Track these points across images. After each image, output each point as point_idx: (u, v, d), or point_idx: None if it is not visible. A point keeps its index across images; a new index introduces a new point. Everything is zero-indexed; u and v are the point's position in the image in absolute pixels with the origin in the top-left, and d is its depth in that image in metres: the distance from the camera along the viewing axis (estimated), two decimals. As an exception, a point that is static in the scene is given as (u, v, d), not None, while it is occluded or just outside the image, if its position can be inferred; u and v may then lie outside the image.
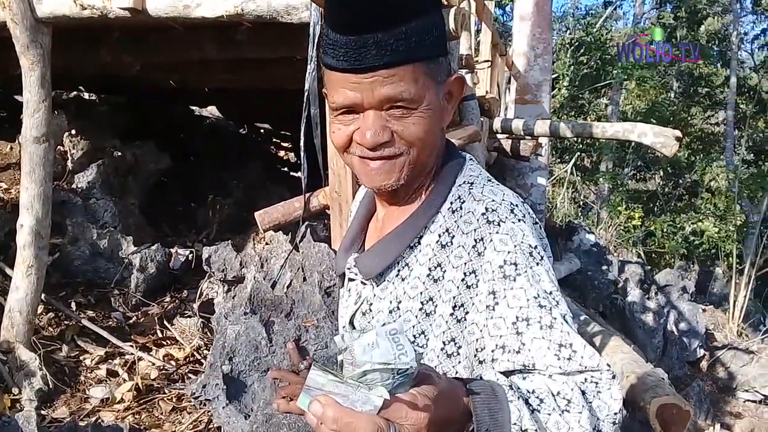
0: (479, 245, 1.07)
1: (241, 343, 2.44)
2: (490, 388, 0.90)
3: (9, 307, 3.03)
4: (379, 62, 1.01)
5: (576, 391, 0.97)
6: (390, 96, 1.03)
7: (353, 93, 1.05)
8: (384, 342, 0.78)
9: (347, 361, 0.77)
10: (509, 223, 1.07)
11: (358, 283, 1.25)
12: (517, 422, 0.89)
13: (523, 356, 1.00)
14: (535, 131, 5.51)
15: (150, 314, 3.67)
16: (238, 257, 3.10)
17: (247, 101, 6.44)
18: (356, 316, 1.23)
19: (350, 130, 1.09)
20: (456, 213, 1.13)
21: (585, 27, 16.19)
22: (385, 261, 1.16)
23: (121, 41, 3.84)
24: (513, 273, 1.04)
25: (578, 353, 1.00)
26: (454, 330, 1.09)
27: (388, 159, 1.09)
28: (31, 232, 3.05)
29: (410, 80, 1.03)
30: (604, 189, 14.87)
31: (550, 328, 1.00)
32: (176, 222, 5.18)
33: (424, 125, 1.07)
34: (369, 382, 0.77)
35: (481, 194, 1.13)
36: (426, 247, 1.14)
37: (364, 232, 1.31)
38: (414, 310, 1.13)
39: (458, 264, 1.09)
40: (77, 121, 4.89)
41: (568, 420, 0.94)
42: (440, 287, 1.10)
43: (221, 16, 2.89)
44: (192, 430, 2.72)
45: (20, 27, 2.94)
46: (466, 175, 1.19)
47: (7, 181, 4.29)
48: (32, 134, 3.07)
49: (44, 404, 2.82)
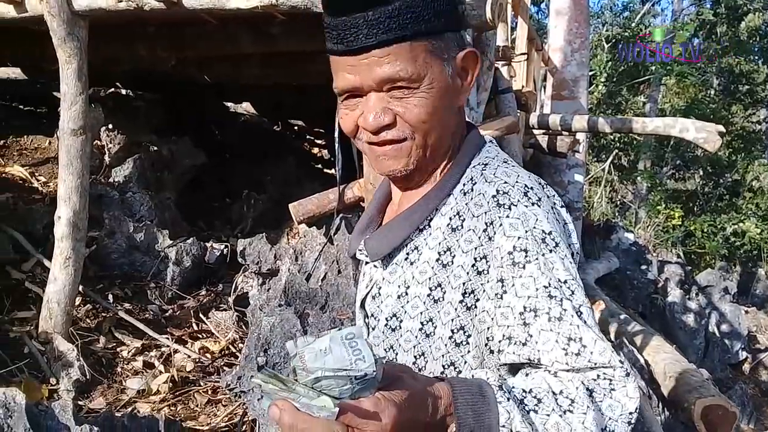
0: (489, 229, 1.02)
1: (276, 335, 2.42)
2: (477, 388, 0.86)
3: (47, 298, 3.06)
4: (371, 42, 0.98)
5: (581, 390, 0.90)
6: (386, 76, 1.00)
7: (351, 76, 1.02)
8: (338, 348, 0.74)
9: (299, 366, 0.75)
10: (521, 207, 1.01)
11: (371, 266, 1.21)
12: (506, 424, 0.84)
13: (529, 349, 0.94)
14: (573, 126, 5.42)
15: (186, 307, 3.68)
16: (272, 250, 3.09)
17: (281, 98, 6.46)
18: (367, 299, 1.19)
19: (356, 115, 1.06)
20: (467, 195, 1.07)
21: (623, 23, 15.94)
22: (392, 243, 1.11)
23: (157, 36, 3.87)
24: (522, 260, 0.98)
25: (588, 348, 0.93)
26: (463, 318, 1.04)
27: (394, 143, 1.05)
28: (68, 224, 3.08)
29: (408, 58, 0.99)
30: (642, 188, 14.62)
31: (559, 320, 0.94)
32: (211, 217, 5.21)
33: (427, 106, 1.02)
34: (324, 389, 0.74)
35: (494, 175, 1.07)
36: (436, 231, 1.09)
37: (381, 214, 1.27)
38: (422, 296, 1.08)
39: (468, 249, 1.04)
40: (114, 115, 4.95)
41: (570, 421, 0.87)
42: (449, 273, 1.05)
43: (255, 7, 2.87)
44: (227, 422, 2.71)
45: (57, 20, 2.96)
46: (482, 156, 1.13)
47: (45, 174, 4.36)
48: (70, 127, 3.09)
49: (81, 394, 2.83)
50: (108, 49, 3.85)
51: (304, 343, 0.76)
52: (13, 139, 4.73)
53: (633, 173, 14.36)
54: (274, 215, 4.98)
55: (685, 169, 15.74)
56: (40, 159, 4.56)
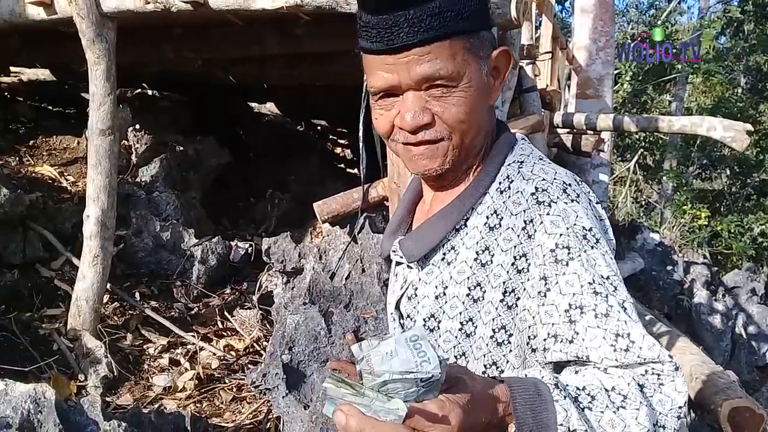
0: (529, 227, 1.01)
1: (301, 333, 2.43)
2: (533, 387, 0.85)
3: (76, 295, 3.11)
4: (412, 40, 0.97)
5: (633, 386, 0.89)
6: (426, 75, 0.99)
7: (389, 75, 1.01)
8: (404, 350, 0.74)
9: (365, 370, 0.74)
10: (561, 204, 1.01)
11: (404, 267, 1.20)
12: (564, 422, 0.83)
13: (577, 346, 0.94)
14: (598, 125, 5.37)
15: (211, 305, 3.72)
16: (297, 248, 3.11)
17: (304, 98, 6.50)
18: (402, 300, 1.19)
19: (392, 115, 1.05)
20: (504, 193, 1.07)
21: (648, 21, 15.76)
22: (429, 244, 1.11)
23: (183, 37, 3.91)
24: (565, 257, 0.97)
25: (636, 344, 0.92)
26: (504, 317, 1.04)
27: (431, 143, 1.04)
28: (97, 222, 3.12)
29: (447, 57, 0.99)
30: (668, 188, 14.43)
31: (606, 317, 0.94)
32: (236, 216, 5.25)
33: (465, 105, 1.02)
34: (390, 392, 0.73)
35: (531, 173, 1.06)
36: (473, 230, 1.08)
37: (411, 215, 1.26)
38: (461, 296, 1.08)
39: (507, 247, 1.03)
40: (141, 116, 5.02)
41: (624, 417, 0.87)
42: (489, 272, 1.05)
43: (281, 8, 2.89)
44: (252, 419, 2.73)
45: (86, 21, 3.01)
46: (516, 154, 1.12)
47: (74, 174, 4.42)
48: (98, 127, 3.14)
49: (109, 391, 2.87)
50: (135, 51, 3.90)
51: (369, 347, 0.76)
52: (43, 140, 4.81)
53: (658, 173, 14.19)
54: (298, 215, 5.01)
55: (712, 168, 15.50)
56: (69, 159, 4.63)
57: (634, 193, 14.29)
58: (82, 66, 3.26)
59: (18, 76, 5.81)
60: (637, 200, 14.34)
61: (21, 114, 5.18)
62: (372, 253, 2.79)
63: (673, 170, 13.92)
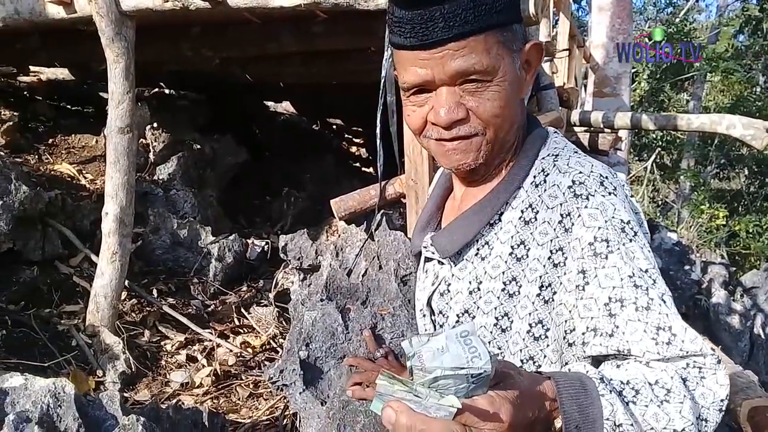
0: (566, 221, 1.00)
1: (318, 330, 2.43)
2: (579, 382, 0.83)
3: (94, 292, 3.13)
4: (447, 35, 0.96)
5: (676, 380, 0.88)
6: (462, 70, 0.98)
7: (423, 70, 1.00)
8: (454, 345, 0.72)
9: (416, 367, 0.73)
10: (599, 197, 0.99)
11: (435, 263, 1.19)
12: (611, 417, 0.82)
13: (617, 340, 0.92)
14: (615, 123, 5.33)
15: (227, 302, 3.74)
16: (313, 246, 3.11)
17: (320, 96, 6.51)
18: (434, 297, 1.18)
19: (424, 111, 1.04)
20: (539, 187, 1.05)
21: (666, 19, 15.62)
22: (463, 239, 1.10)
23: (201, 35, 3.93)
24: (604, 250, 0.96)
25: (678, 337, 0.91)
26: (541, 311, 1.03)
27: (464, 139, 1.03)
28: (115, 219, 3.14)
29: (482, 51, 0.97)
30: (686, 187, 14.30)
31: (647, 310, 0.92)
32: (252, 214, 5.27)
33: (500, 99, 1.00)
34: (441, 388, 0.72)
35: (567, 166, 1.05)
36: (507, 224, 1.07)
37: (440, 210, 1.26)
38: (496, 291, 1.07)
39: (544, 241, 1.02)
40: (159, 114, 5.05)
41: (668, 411, 0.86)
42: (524, 266, 1.04)
43: (299, 5, 2.89)
44: (268, 415, 2.74)
45: (105, 20, 3.03)
46: (550, 147, 1.11)
47: (92, 172, 4.46)
48: (117, 125, 3.16)
49: (127, 386, 2.89)
50: (154, 49, 3.92)
51: (419, 343, 0.74)
52: (62, 138, 4.85)
53: (676, 172, 14.07)
54: (314, 213, 5.02)
55: (730, 167, 15.35)
56: (88, 157, 4.67)
57: (651, 192, 14.17)
58: (101, 65, 3.29)
59: (37, 76, 5.87)
60: (654, 200, 14.22)
61: (40, 113, 5.23)
62: (389, 250, 2.79)
63: (690, 169, 13.79)
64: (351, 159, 7.79)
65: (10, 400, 1.87)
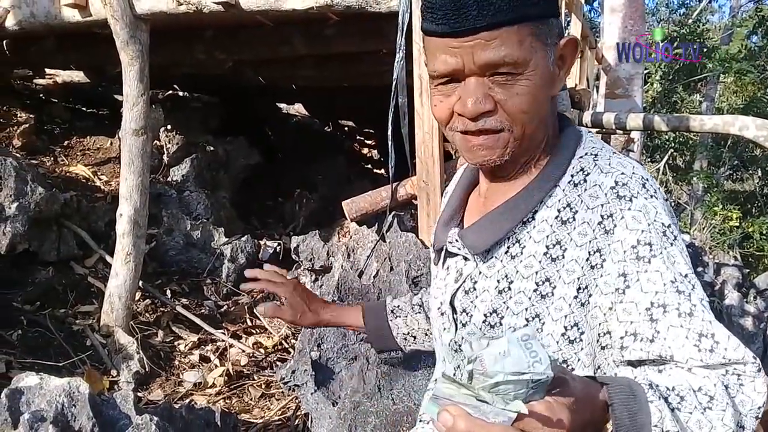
0: (606, 222, 0.98)
1: (329, 330, 2.45)
2: (629, 388, 0.83)
3: (109, 292, 3.16)
4: (480, 23, 0.94)
5: (719, 387, 0.88)
6: (492, 60, 0.95)
7: (453, 59, 0.97)
8: (516, 349, 0.72)
9: (477, 371, 0.72)
10: (641, 199, 0.98)
11: (459, 260, 1.16)
12: (659, 424, 0.82)
13: (658, 346, 0.92)
14: (628, 125, 5.30)
15: (240, 303, 3.76)
16: (325, 247, 3.13)
17: (332, 99, 6.54)
18: (457, 294, 1.15)
19: (452, 101, 1.02)
20: (579, 186, 1.03)
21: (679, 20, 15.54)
22: (495, 236, 1.07)
23: (215, 38, 3.96)
24: (647, 254, 0.95)
25: (721, 344, 0.91)
26: (577, 314, 1.01)
27: (490, 133, 1.01)
28: (129, 221, 3.17)
29: (514, 42, 0.95)
30: (698, 189, 14.21)
31: (690, 316, 0.92)
32: (264, 215, 5.30)
33: (529, 94, 0.98)
34: (501, 393, 0.71)
35: (609, 166, 1.03)
36: (542, 223, 1.05)
37: (464, 206, 1.23)
38: (527, 291, 1.04)
39: (582, 242, 1.00)
40: (173, 116, 5.09)
41: (711, 418, 0.86)
42: (560, 267, 1.02)
43: (311, 8, 2.92)
44: (280, 416, 2.76)
45: (120, 23, 3.06)
46: (587, 146, 1.09)
47: (107, 173, 4.50)
48: (131, 127, 3.19)
49: (140, 386, 2.92)
50: (168, 52, 3.96)
51: (480, 347, 0.74)
52: (77, 140, 4.90)
53: (689, 174, 13.97)
54: (326, 214, 5.04)
55: (743, 169, 15.23)
56: (102, 159, 4.71)
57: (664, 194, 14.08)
58: (115, 67, 3.32)
59: (53, 78, 5.93)
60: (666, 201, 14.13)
61: (56, 115, 5.28)
62: (400, 251, 2.80)
63: (703, 171, 13.70)
64: (363, 161, 7.81)
65: (26, 399, 1.89)
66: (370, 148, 8.10)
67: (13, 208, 3.23)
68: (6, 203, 3.24)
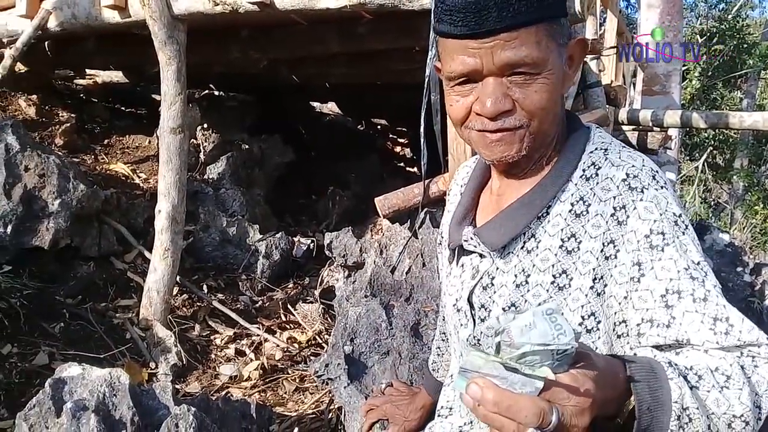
0: (619, 213, 1.01)
1: (362, 325, 2.47)
2: (649, 366, 0.86)
3: (148, 287, 3.23)
4: (500, 25, 0.97)
5: (735, 367, 0.90)
6: (512, 61, 0.99)
7: (472, 59, 1.00)
8: (541, 322, 0.74)
9: (504, 342, 0.74)
10: (652, 190, 1.01)
11: (474, 257, 1.20)
12: (678, 400, 0.84)
13: (674, 331, 0.94)
14: (665, 122, 5.24)
15: (274, 299, 3.81)
16: (358, 243, 3.15)
17: (365, 97, 6.56)
18: (475, 291, 1.19)
19: (469, 101, 1.05)
20: (591, 180, 1.07)
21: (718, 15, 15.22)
22: (512, 232, 1.11)
23: (250, 38, 4.01)
24: (660, 243, 0.98)
25: (736, 327, 0.93)
26: (593, 304, 1.04)
27: (509, 131, 1.04)
28: (167, 217, 3.24)
29: (532, 43, 0.98)
30: (739, 188, 13.91)
31: (704, 301, 0.94)
32: (298, 212, 5.35)
33: (547, 92, 1.01)
34: (528, 363, 0.74)
35: (620, 159, 1.06)
36: (556, 218, 1.08)
37: (476, 205, 1.27)
38: (545, 284, 1.08)
39: (596, 234, 1.03)
40: (209, 115, 5.17)
41: (728, 397, 0.88)
42: (575, 259, 1.05)
43: (344, 7, 2.95)
44: (314, 409, 2.79)
45: (158, 24, 3.13)
46: (596, 142, 1.12)
47: (146, 171, 4.59)
48: (169, 125, 3.25)
49: (178, 378, 2.98)
50: (204, 52, 4.02)
51: (506, 320, 0.77)
52: (117, 139, 5.01)
53: (729, 172, 13.69)
54: (358, 212, 5.07)
55: (786, 167, 14.88)
56: (141, 157, 4.81)
57: (703, 192, 13.83)
58: (153, 67, 3.39)
59: (93, 78, 6.06)
60: (705, 200, 13.87)
61: (96, 114, 5.40)
62: (432, 247, 2.81)
63: (744, 169, 13.41)
64: (395, 158, 7.82)
65: (69, 389, 1.95)
66: (403, 146, 8.11)
67: (56, 205, 3.33)
68: (49, 200, 3.34)
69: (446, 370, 1.66)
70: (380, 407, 1.82)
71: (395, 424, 1.73)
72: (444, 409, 1.44)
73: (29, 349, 2.87)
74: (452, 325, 1.29)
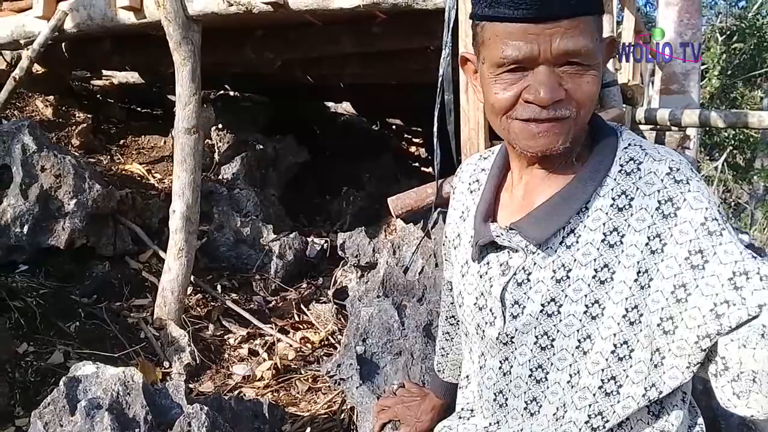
0: (665, 207, 1.02)
1: (374, 325, 2.46)
2: None
3: (162, 286, 3.25)
4: (564, 12, 0.95)
5: None
6: (570, 50, 0.97)
7: (529, 45, 0.98)
8: None
9: None
10: (695, 182, 1.04)
11: (503, 253, 1.17)
12: None
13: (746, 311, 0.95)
14: (683, 121, 5.16)
15: (288, 299, 3.81)
16: (371, 243, 3.15)
17: (379, 97, 6.56)
18: (508, 287, 1.16)
19: (518, 88, 1.02)
20: (633, 174, 1.07)
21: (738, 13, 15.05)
22: (555, 226, 1.10)
23: (264, 38, 4.03)
24: (718, 228, 1.00)
25: None
26: (637, 297, 1.05)
27: (557, 121, 1.02)
28: (182, 217, 3.25)
29: (588, 34, 0.98)
30: (759, 188, 13.75)
31: None
32: (312, 213, 5.36)
33: (595, 84, 1.02)
34: None
35: (659, 154, 1.08)
36: (596, 212, 1.08)
37: (496, 202, 1.25)
38: (586, 278, 1.08)
39: (641, 228, 1.04)
40: (223, 116, 5.19)
41: None
42: (618, 252, 1.06)
43: (358, 6, 2.95)
44: (326, 409, 2.79)
45: (173, 25, 3.14)
46: (627, 138, 1.13)
47: (160, 171, 4.62)
48: (184, 126, 3.27)
49: (191, 378, 2.99)
50: (218, 52, 4.04)
51: None
52: (132, 139, 5.04)
53: (749, 172, 13.53)
54: (372, 212, 5.06)
55: (807, 167, 14.67)
56: (156, 157, 4.84)
57: (723, 193, 13.70)
58: (168, 68, 3.41)
59: (109, 79, 6.12)
60: (725, 201, 13.73)
61: (112, 115, 5.44)
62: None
63: (764, 169, 13.23)
64: (409, 159, 7.81)
65: (83, 387, 1.96)
66: (418, 146, 8.10)
67: (72, 205, 3.35)
68: (65, 200, 3.37)
69: (452, 370, 1.65)
70: (391, 408, 1.84)
71: (406, 425, 1.74)
72: (465, 411, 1.42)
73: (45, 348, 2.89)
74: (473, 325, 1.26)
